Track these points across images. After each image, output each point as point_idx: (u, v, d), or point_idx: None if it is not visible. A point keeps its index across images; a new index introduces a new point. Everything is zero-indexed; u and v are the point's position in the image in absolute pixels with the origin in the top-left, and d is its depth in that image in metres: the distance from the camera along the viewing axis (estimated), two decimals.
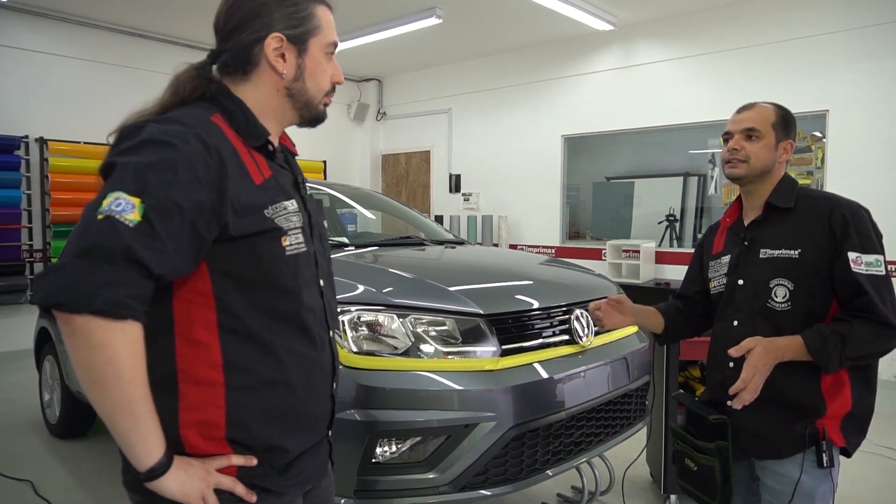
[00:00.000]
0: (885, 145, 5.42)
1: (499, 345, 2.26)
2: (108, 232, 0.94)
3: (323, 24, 1.21)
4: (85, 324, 0.92)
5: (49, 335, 4.15)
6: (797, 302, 1.61)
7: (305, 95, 1.21)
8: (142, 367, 0.98)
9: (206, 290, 1.09)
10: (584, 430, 2.44)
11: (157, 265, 0.96)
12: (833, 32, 5.67)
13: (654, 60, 6.88)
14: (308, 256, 1.20)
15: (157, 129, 1.05)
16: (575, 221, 7.93)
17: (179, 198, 0.99)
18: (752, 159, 1.68)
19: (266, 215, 1.11)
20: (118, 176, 1.00)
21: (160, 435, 1.02)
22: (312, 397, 1.22)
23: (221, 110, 1.16)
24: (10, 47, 6.42)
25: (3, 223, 6.33)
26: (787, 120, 1.73)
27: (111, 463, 3.70)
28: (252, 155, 1.15)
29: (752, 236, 1.72)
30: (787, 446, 1.62)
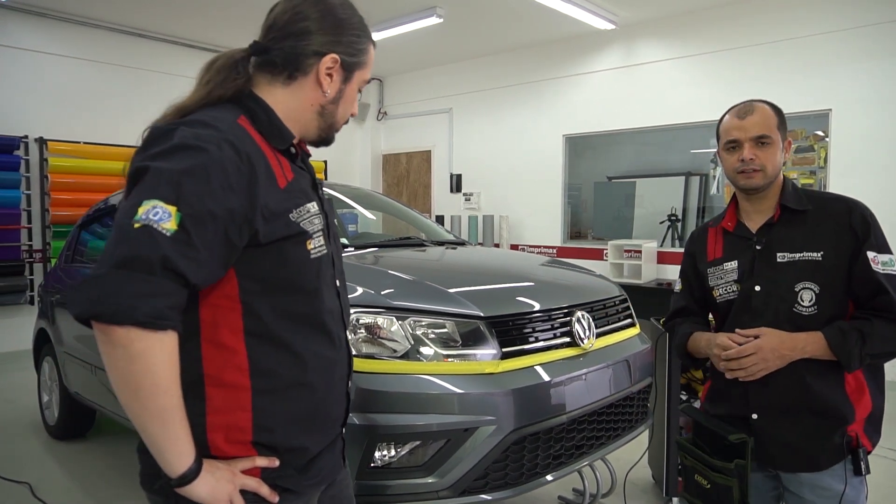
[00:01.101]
0: (888, 144, 5.39)
1: (499, 347, 2.23)
2: (146, 241, 0.93)
3: (368, 61, 1.26)
4: (125, 335, 0.92)
5: (48, 336, 4.13)
6: (823, 304, 1.57)
7: (332, 118, 1.24)
8: (176, 376, 0.99)
9: (233, 295, 1.09)
10: (586, 433, 2.42)
11: (193, 274, 0.97)
12: (836, 31, 5.64)
13: (655, 60, 6.85)
14: (328, 258, 1.22)
15: (190, 133, 1.03)
16: (576, 221, 7.91)
17: (214, 206, 0.99)
18: (769, 167, 1.61)
19: (292, 219, 1.12)
20: (152, 183, 0.98)
21: (191, 441, 1.03)
22: (331, 397, 1.24)
23: (245, 112, 1.15)
24: (9, 47, 6.40)
25: (3, 223, 6.33)
26: (783, 117, 1.67)
27: (110, 465, 3.68)
28: (277, 157, 1.15)
29: (766, 240, 1.66)
30: (825, 457, 1.57)
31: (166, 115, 1.15)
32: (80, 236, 4.20)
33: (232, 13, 6.66)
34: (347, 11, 1.23)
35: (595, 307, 2.67)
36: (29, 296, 6.54)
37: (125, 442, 4.01)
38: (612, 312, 2.79)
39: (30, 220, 6.58)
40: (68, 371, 3.85)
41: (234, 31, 7.33)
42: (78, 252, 4.15)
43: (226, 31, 7.39)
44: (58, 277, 4.16)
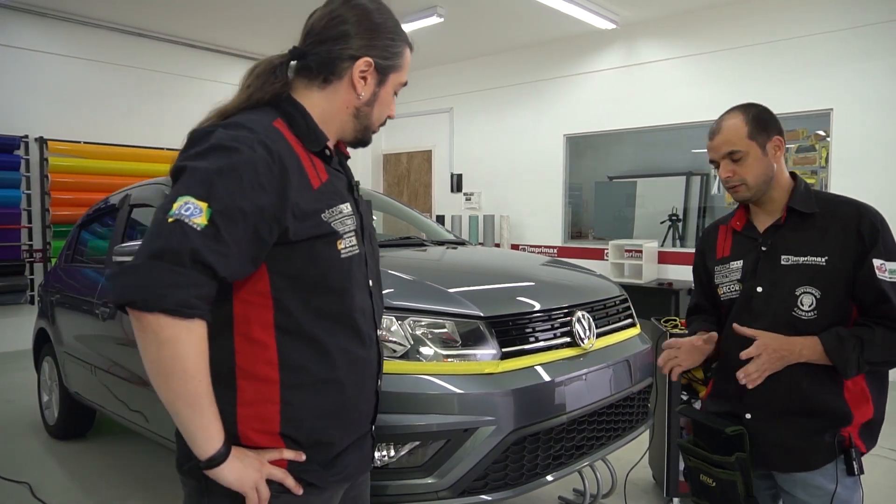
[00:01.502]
0: (889, 144, 5.39)
1: (499, 347, 2.22)
2: (177, 235, 0.99)
3: (404, 64, 1.29)
4: (155, 321, 0.98)
5: (48, 336, 4.12)
6: (823, 310, 1.56)
7: (368, 120, 1.28)
8: (205, 363, 1.04)
9: (265, 291, 1.13)
10: (586, 433, 2.41)
11: (221, 267, 1.02)
12: (837, 31, 5.63)
13: (656, 59, 6.84)
14: (360, 258, 1.24)
15: (225, 134, 1.09)
16: (577, 221, 7.90)
17: (244, 203, 1.04)
18: (749, 179, 1.62)
19: (323, 219, 1.15)
20: (187, 180, 1.04)
21: (220, 426, 1.07)
22: (360, 394, 1.27)
23: (283, 115, 1.20)
24: (9, 47, 6.40)
25: (3, 223, 6.33)
26: (760, 119, 1.63)
27: (109, 465, 3.68)
28: (311, 159, 1.19)
29: (771, 242, 1.65)
30: (816, 457, 1.57)
31: (209, 118, 1.21)
32: (80, 236, 4.20)
33: (232, 13, 6.66)
34: (383, 16, 1.26)
35: (595, 307, 2.66)
36: (29, 295, 6.54)
37: (125, 442, 4.01)
38: (612, 312, 2.78)
39: (30, 220, 6.59)
40: (68, 371, 3.85)
41: (235, 30, 7.33)
42: (78, 252, 4.15)
43: (226, 31, 7.39)
44: (58, 277, 4.16)
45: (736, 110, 1.67)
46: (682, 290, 6.29)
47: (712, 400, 1.78)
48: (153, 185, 3.45)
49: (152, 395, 3.08)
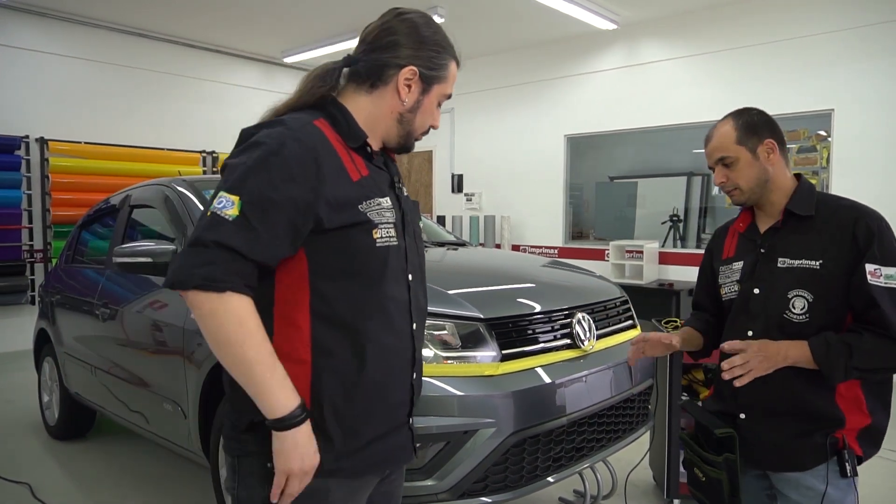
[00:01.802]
0: (891, 144, 5.38)
1: (499, 349, 2.22)
2: (210, 225, 1.12)
3: (449, 76, 1.36)
4: (194, 297, 1.10)
5: (48, 337, 4.12)
6: (815, 314, 1.56)
7: (411, 126, 1.35)
8: (251, 332, 1.12)
9: (303, 275, 1.21)
10: (586, 435, 2.41)
11: (247, 250, 1.11)
12: (838, 31, 5.62)
13: (657, 59, 6.84)
14: (398, 250, 1.30)
15: (265, 133, 1.20)
16: (578, 221, 7.89)
17: (273, 193, 1.13)
18: (742, 183, 1.65)
19: (360, 209, 1.22)
20: (226, 176, 1.17)
21: (282, 392, 1.14)
22: (390, 384, 1.30)
23: (326, 116, 1.28)
24: (10, 47, 6.41)
25: (4, 223, 6.33)
26: (750, 124, 1.65)
27: (109, 465, 3.68)
28: (350, 155, 1.27)
29: (769, 244, 1.66)
30: (808, 458, 1.58)
31: (263, 117, 1.30)
32: (80, 236, 4.20)
33: (232, 13, 6.66)
34: (431, 30, 1.33)
35: (595, 308, 2.66)
36: (30, 296, 6.54)
37: (125, 442, 4.01)
38: (612, 314, 2.78)
39: (31, 220, 6.59)
40: (69, 371, 3.85)
41: (234, 31, 7.34)
42: (78, 252, 4.15)
43: (226, 32, 7.39)
44: (58, 278, 4.16)
45: (728, 117, 1.70)
46: (683, 290, 6.29)
47: (712, 399, 1.82)
48: (153, 185, 3.45)
49: (152, 396, 3.10)
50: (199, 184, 3.24)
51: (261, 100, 8.10)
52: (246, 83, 8.37)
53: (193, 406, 2.63)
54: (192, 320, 2.64)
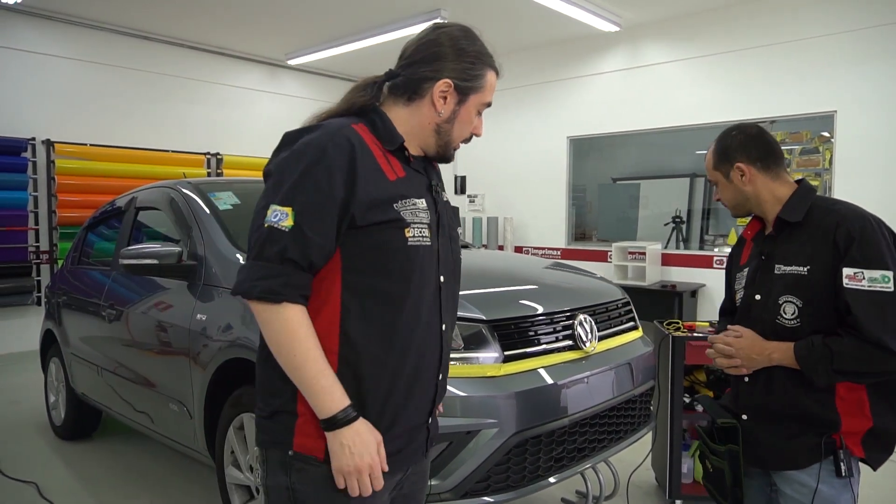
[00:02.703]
0: (893, 145, 5.38)
1: (501, 350, 2.24)
2: (270, 238, 1.21)
3: (486, 86, 1.39)
4: (255, 307, 1.22)
5: (54, 337, 4.15)
6: (806, 319, 1.59)
7: (449, 136, 1.38)
8: (301, 340, 1.20)
9: (336, 270, 1.26)
10: (588, 436, 2.42)
11: (305, 259, 1.20)
12: (840, 33, 5.63)
13: (660, 61, 6.85)
14: (430, 251, 1.33)
15: (307, 139, 1.26)
16: (581, 223, 7.91)
17: (320, 199, 1.21)
18: (725, 200, 1.79)
19: (394, 208, 1.27)
20: (274, 188, 1.24)
21: (332, 395, 1.21)
22: (413, 382, 1.32)
23: (366, 121, 1.34)
24: (17, 50, 6.45)
25: (10, 225, 6.37)
26: (723, 149, 1.75)
27: (116, 465, 3.71)
28: (387, 157, 1.32)
29: (768, 251, 1.72)
30: (802, 457, 1.62)
31: (306, 123, 1.35)
32: (86, 238, 4.23)
33: (237, 16, 6.70)
34: (467, 41, 1.36)
35: (597, 310, 2.68)
36: (36, 297, 6.58)
37: (131, 442, 4.04)
38: (614, 315, 2.79)
39: (37, 222, 6.63)
40: (75, 372, 3.87)
41: (240, 33, 7.37)
42: (84, 254, 4.18)
43: (231, 34, 7.42)
44: (65, 279, 4.19)
45: (714, 141, 1.81)
46: (686, 292, 6.29)
47: (729, 395, 1.88)
48: (159, 187, 3.48)
49: (158, 397, 3.12)
50: (204, 186, 3.27)
51: (264, 101, 8.14)
52: (250, 85, 8.40)
53: (199, 406, 2.65)
54: (197, 321, 2.66)
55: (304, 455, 1.26)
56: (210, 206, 3.03)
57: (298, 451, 1.26)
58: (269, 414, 1.30)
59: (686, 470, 3.13)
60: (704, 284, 6.51)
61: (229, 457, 2.57)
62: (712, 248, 6.66)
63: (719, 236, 6.71)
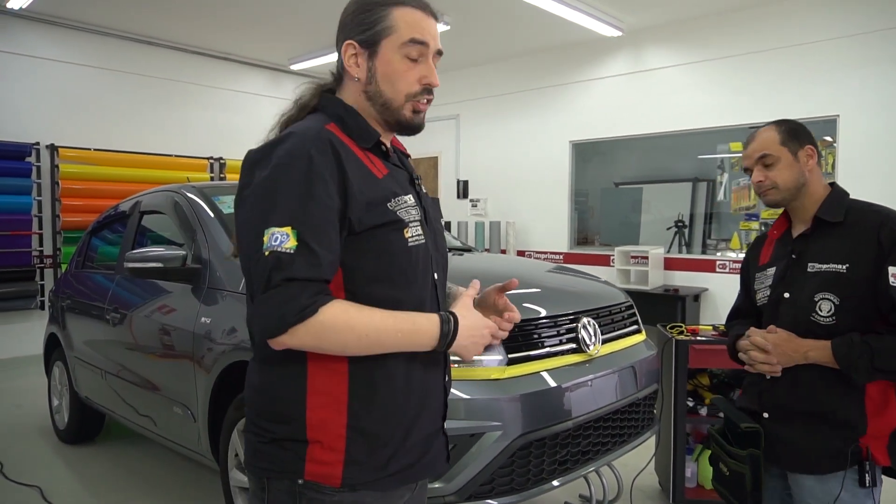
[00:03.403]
0: None
1: (505, 353, 2.24)
2: (276, 265, 1.07)
3: (397, 24, 1.21)
4: (297, 336, 1.08)
5: (58, 341, 4.16)
6: (842, 317, 1.59)
7: (382, 97, 1.23)
8: (360, 321, 1.11)
9: (339, 282, 1.17)
10: (592, 439, 2.42)
11: (315, 275, 1.09)
12: (842, 37, 5.64)
13: (662, 66, 6.86)
14: (426, 249, 1.25)
15: (285, 150, 1.14)
16: (584, 227, 7.91)
17: (318, 211, 1.10)
18: (780, 183, 1.71)
19: (389, 208, 1.18)
20: (263, 209, 1.11)
21: (422, 326, 1.16)
22: (421, 388, 1.25)
23: (335, 119, 1.23)
24: (21, 55, 6.49)
25: (14, 229, 6.39)
26: (793, 130, 1.73)
27: (119, 468, 3.71)
28: (367, 155, 1.22)
29: (800, 250, 1.71)
30: (825, 462, 1.60)
31: (272, 130, 1.28)
32: (90, 242, 4.25)
33: (239, 21, 6.72)
34: None
35: (601, 313, 2.68)
36: (39, 301, 6.60)
37: (134, 446, 4.04)
38: (617, 319, 2.79)
39: (41, 226, 6.65)
40: (78, 375, 3.88)
41: (242, 38, 7.40)
42: (88, 257, 4.19)
43: (234, 39, 7.45)
44: (69, 283, 4.21)
45: (771, 123, 1.77)
46: (689, 296, 6.29)
47: (743, 395, 1.86)
48: (163, 192, 3.49)
49: (162, 400, 3.12)
50: (208, 190, 3.28)
51: (267, 106, 8.17)
52: (253, 90, 8.43)
53: (203, 409, 2.66)
54: (201, 324, 2.67)
55: (318, 484, 1.16)
56: (214, 210, 3.05)
57: (310, 479, 1.16)
58: (270, 440, 1.19)
59: (689, 474, 3.13)
60: (707, 288, 6.51)
61: (233, 460, 2.57)
62: (715, 253, 6.66)
63: (721, 240, 6.70)
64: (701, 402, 3.13)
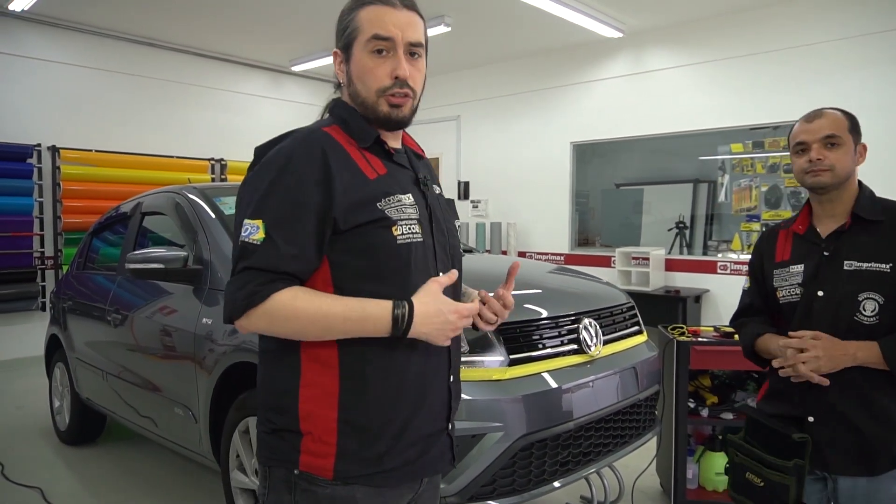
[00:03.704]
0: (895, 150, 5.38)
1: (507, 354, 2.24)
2: (242, 255, 1.17)
3: (362, 24, 1.25)
4: (251, 321, 1.15)
5: (59, 342, 4.17)
6: (886, 316, 1.58)
7: (359, 97, 1.27)
8: (306, 309, 1.14)
9: (328, 279, 1.21)
10: (593, 440, 2.42)
11: (272, 266, 1.15)
12: (842, 39, 5.64)
13: (663, 67, 6.86)
14: (423, 247, 1.26)
15: (274, 151, 1.22)
16: (585, 228, 7.91)
17: (292, 209, 1.16)
18: (837, 167, 1.65)
19: (378, 207, 1.20)
20: (246, 202, 1.21)
21: (372, 313, 1.16)
22: (419, 386, 1.25)
23: (339, 121, 1.29)
24: (23, 57, 6.49)
25: (16, 231, 6.39)
26: (856, 123, 1.70)
27: (120, 470, 3.71)
28: (364, 155, 1.25)
29: (834, 247, 1.68)
30: (882, 462, 1.59)
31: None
32: (92, 243, 4.25)
33: (240, 22, 6.73)
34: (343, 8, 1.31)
35: (602, 314, 2.68)
36: (41, 302, 6.60)
37: (135, 447, 4.04)
38: (619, 320, 2.79)
39: (42, 228, 6.65)
40: (80, 377, 3.89)
41: (242, 39, 7.41)
42: (90, 259, 4.19)
43: (234, 40, 7.46)
44: (70, 284, 4.21)
45: (835, 109, 1.72)
46: (690, 297, 6.29)
47: (768, 401, 1.80)
48: (164, 193, 3.50)
49: (163, 401, 3.12)
50: (209, 191, 3.28)
51: (268, 107, 8.16)
52: (254, 91, 8.44)
53: (204, 410, 2.66)
54: (202, 325, 2.67)
55: (311, 475, 1.20)
56: (216, 211, 3.05)
57: (305, 470, 1.20)
58: (272, 430, 1.24)
59: (691, 475, 3.12)
60: (708, 290, 6.51)
61: (234, 461, 2.57)
62: (716, 254, 6.66)
63: (722, 241, 6.70)
64: (702, 403, 3.13)
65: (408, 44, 1.25)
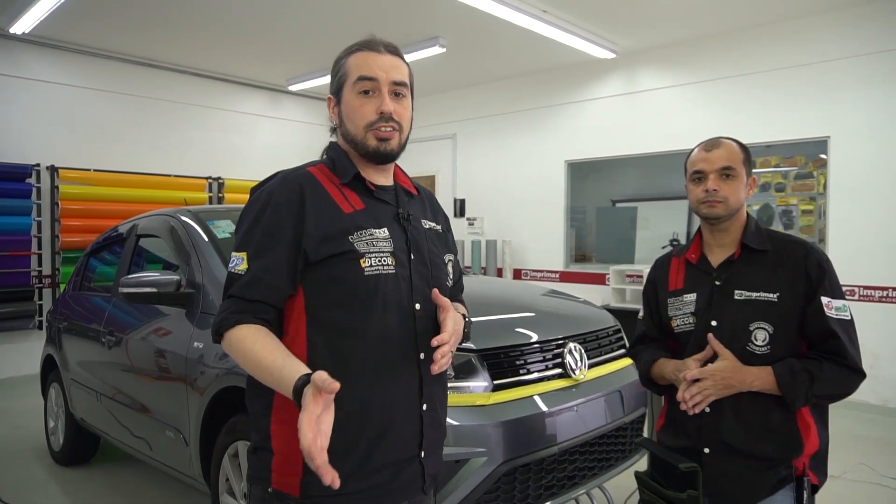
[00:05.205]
0: (887, 171, 5.43)
1: (490, 379, 2.28)
2: (228, 284, 1.32)
3: (349, 69, 1.38)
4: (224, 346, 1.30)
5: (55, 362, 4.19)
6: (776, 345, 1.62)
7: (349, 136, 1.38)
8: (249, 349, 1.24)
9: (301, 307, 1.31)
10: (578, 464, 2.45)
11: (247, 295, 1.28)
12: (835, 59, 5.72)
13: (656, 87, 6.94)
14: (395, 279, 1.32)
15: (262, 189, 1.37)
16: (580, 245, 7.95)
17: (268, 241, 1.29)
18: (730, 199, 1.68)
19: (349, 239, 1.30)
20: (236, 235, 1.37)
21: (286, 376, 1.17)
22: (387, 415, 1.31)
23: (327, 162, 1.41)
24: (23, 78, 6.57)
25: (14, 250, 6.43)
26: (750, 155, 1.75)
27: (113, 491, 3.72)
28: (342, 191, 1.35)
29: (725, 276, 1.71)
30: (767, 489, 1.62)
31: None
32: (88, 263, 4.29)
33: (238, 43, 6.82)
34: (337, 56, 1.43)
35: (587, 338, 2.71)
36: (37, 321, 6.63)
37: (128, 469, 4.05)
38: (604, 343, 2.83)
39: (40, 246, 6.70)
40: (74, 397, 3.91)
41: (240, 59, 7.49)
42: (86, 279, 4.23)
43: (232, 61, 7.54)
44: (66, 304, 4.24)
45: (730, 139, 1.75)
46: None
47: (666, 433, 1.81)
48: (159, 215, 3.54)
49: (155, 423, 3.14)
50: (203, 214, 3.33)
51: (266, 126, 8.21)
52: (251, 110, 8.52)
53: (195, 433, 2.68)
54: (194, 349, 2.71)
55: (282, 493, 1.28)
56: (209, 234, 3.09)
57: (276, 488, 1.29)
58: (252, 449, 1.35)
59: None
60: None
61: (224, 484, 2.59)
62: None
63: None
64: None
65: (392, 83, 1.36)
